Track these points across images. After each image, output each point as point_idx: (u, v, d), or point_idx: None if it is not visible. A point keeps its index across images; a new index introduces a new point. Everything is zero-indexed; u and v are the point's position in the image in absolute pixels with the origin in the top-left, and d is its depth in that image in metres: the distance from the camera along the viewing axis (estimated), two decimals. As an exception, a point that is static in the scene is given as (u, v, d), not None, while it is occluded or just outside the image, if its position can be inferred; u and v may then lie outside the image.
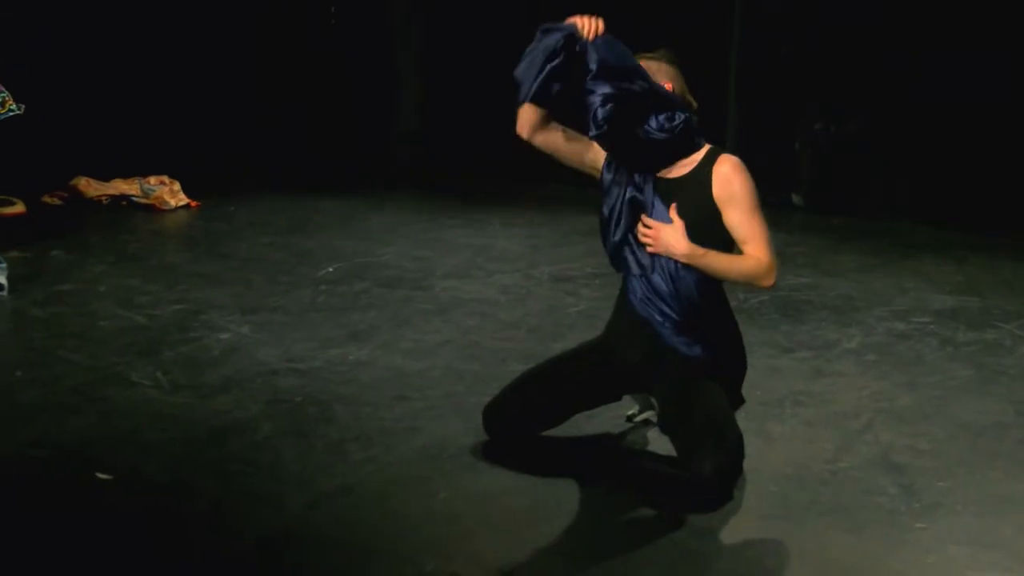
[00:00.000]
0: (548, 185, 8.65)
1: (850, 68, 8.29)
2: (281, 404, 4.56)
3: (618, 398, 4.12)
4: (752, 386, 4.76)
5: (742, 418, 3.87)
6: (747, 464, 3.71)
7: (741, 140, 8.55)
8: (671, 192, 3.71)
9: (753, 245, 3.64)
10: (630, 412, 4.32)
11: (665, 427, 3.78)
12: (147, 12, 9.31)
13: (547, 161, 4.07)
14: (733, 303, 3.96)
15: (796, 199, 8.65)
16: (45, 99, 7.15)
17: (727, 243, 3.71)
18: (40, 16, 8.66)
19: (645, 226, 3.68)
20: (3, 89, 5.87)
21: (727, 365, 3.83)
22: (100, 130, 8.85)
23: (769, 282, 3.64)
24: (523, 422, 4.00)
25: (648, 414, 4.30)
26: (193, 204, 8.32)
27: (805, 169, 8.61)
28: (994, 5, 7.76)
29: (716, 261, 3.64)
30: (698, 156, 3.72)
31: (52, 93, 8.14)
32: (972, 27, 7.79)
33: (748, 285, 3.72)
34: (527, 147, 4.00)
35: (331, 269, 6.66)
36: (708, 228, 3.67)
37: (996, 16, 7.74)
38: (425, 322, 5.69)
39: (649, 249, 3.68)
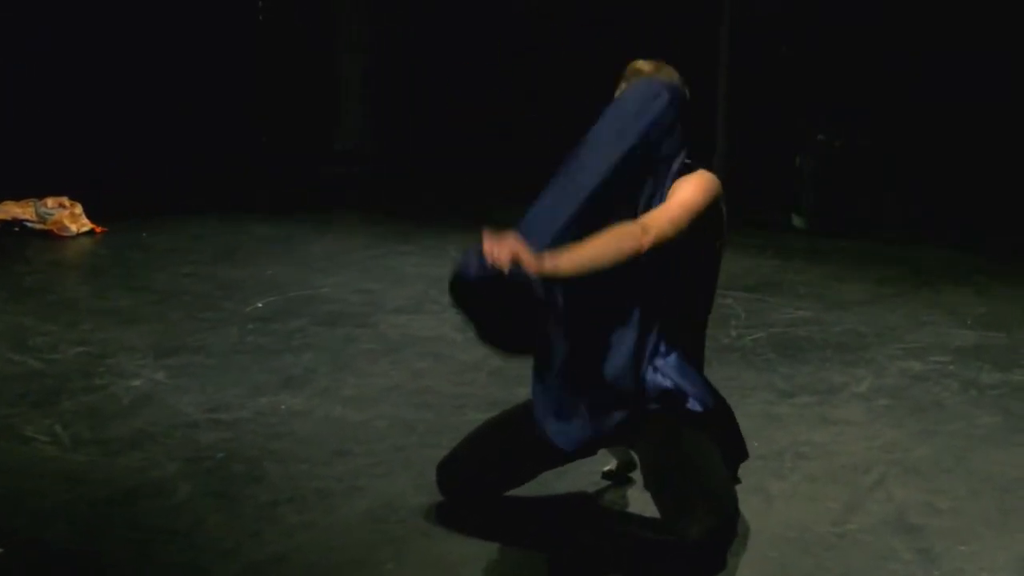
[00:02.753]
0: (512, 207, 8.66)
1: (857, 72, 8.39)
2: (202, 461, 4.53)
3: (593, 452, 4.11)
4: (747, 437, 4.76)
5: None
6: (742, 526, 3.70)
7: (733, 153, 8.62)
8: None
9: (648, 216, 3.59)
10: (606, 468, 4.31)
11: (648, 483, 3.78)
12: (51, 11, 9.30)
13: (512, 179, 4.08)
14: (724, 340, 3.98)
15: (797, 221, 8.71)
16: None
17: (697, 261, 3.71)
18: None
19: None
20: None
21: (716, 412, 3.84)
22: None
23: (637, 244, 3.49)
24: (482, 480, 3.99)
25: (627, 470, 4.29)
26: (98, 230, 8.28)
27: (807, 187, 8.68)
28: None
29: (572, 258, 3.45)
30: None
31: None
32: (999, 23, 7.89)
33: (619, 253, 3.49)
34: (488, 162, 4.02)
35: (262, 304, 6.65)
36: (677, 250, 3.64)
37: None
38: (370, 365, 5.68)
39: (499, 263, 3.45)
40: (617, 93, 3.85)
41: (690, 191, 3.63)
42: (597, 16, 9.46)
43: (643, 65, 3.85)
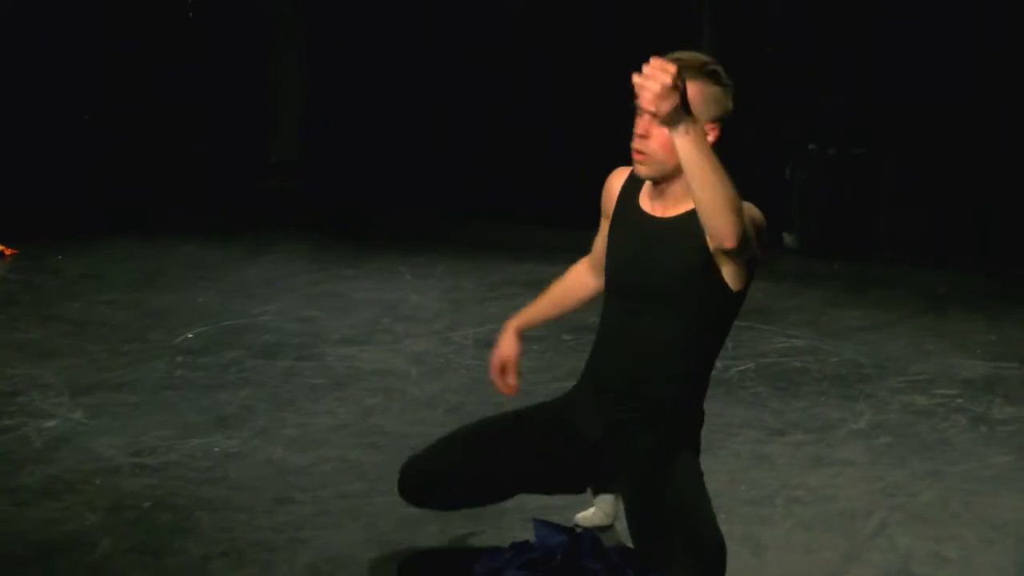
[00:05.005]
0: (470, 224, 8.69)
1: (854, 72, 8.42)
2: (126, 511, 4.51)
3: (579, 489, 4.14)
4: (735, 480, 4.78)
5: (723, 521, 3.88)
6: (729, 580, 3.71)
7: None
8: (663, 234, 3.78)
9: None
10: (580, 514, 4.32)
11: (629, 526, 3.81)
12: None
13: (470, 194, 4.11)
14: (712, 372, 4.00)
15: (788, 239, 8.74)
16: None
17: (712, 299, 3.75)
18: None
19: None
20: None
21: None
22: None
23: (735, 229, 3.48)
24: (449, 491, 3.99)
25: (603, 520, 4.30)
26: (7, 252, 8.23)
27: (798, 201, 8.71)
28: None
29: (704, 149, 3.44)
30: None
31: None
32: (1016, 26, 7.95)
33: (712, 216, 3.47)
34: (442, 174, 4.05)
35: (191, 335, 6.62)
36: (699, 276, 3.71)
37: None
38: (314, 401, 5.67)
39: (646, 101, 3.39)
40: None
41: (749, 215, 3.63)
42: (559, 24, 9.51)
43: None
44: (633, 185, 3.90)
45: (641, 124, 3.70)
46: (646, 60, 3.29)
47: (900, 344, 6.69)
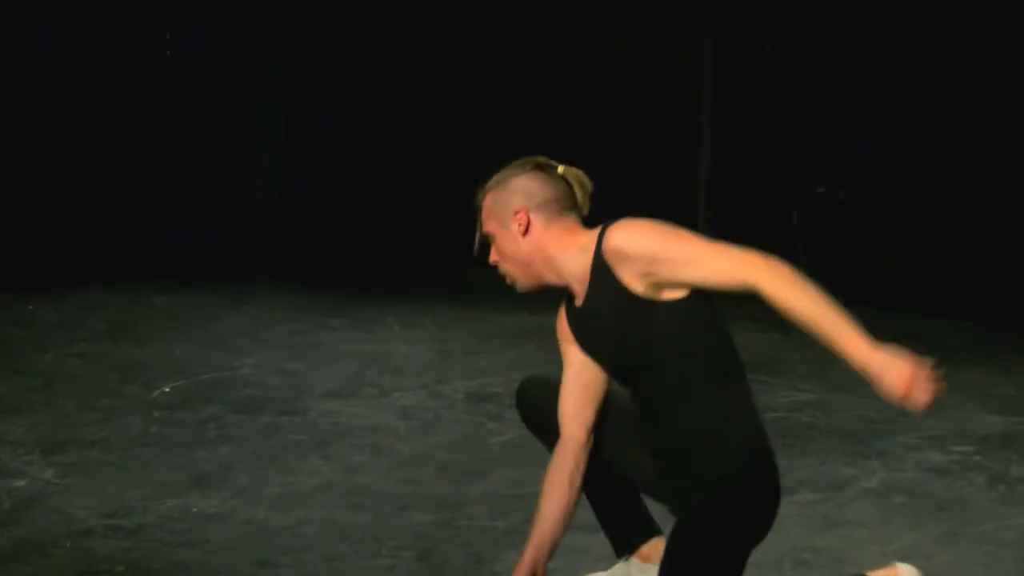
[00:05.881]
0: (461, 272, 8.66)
1: (865, 106, 8.43)
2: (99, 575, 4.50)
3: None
4: (740, 541, 4.78)
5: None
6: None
7: (715, 208, 8.67)
8: (585, 319, 3.82)
9: (725, 263, 3.62)
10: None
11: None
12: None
13: (459, 242, 4.12)
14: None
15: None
16: None
17: (680, 328, 3.72)
18: None
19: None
20: None
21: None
22: None
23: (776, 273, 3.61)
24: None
25: None
26: (-23, 301, 8.24)
27: (804, 248, 8.73)
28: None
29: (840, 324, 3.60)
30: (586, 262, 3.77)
31: None
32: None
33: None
34: (431, 220, 4.08)
35: (168, 389, 6.62)
36: (645, 328, 3.70)
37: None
38: (297, 459, 5.67)
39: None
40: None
41: (652, 235, 3.70)
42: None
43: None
44: (568, 304, 3.92)
45: (491, 253, 3.87)
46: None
47: (913, 398, 6.68)
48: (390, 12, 10.19)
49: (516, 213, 3.79)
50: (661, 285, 3.63)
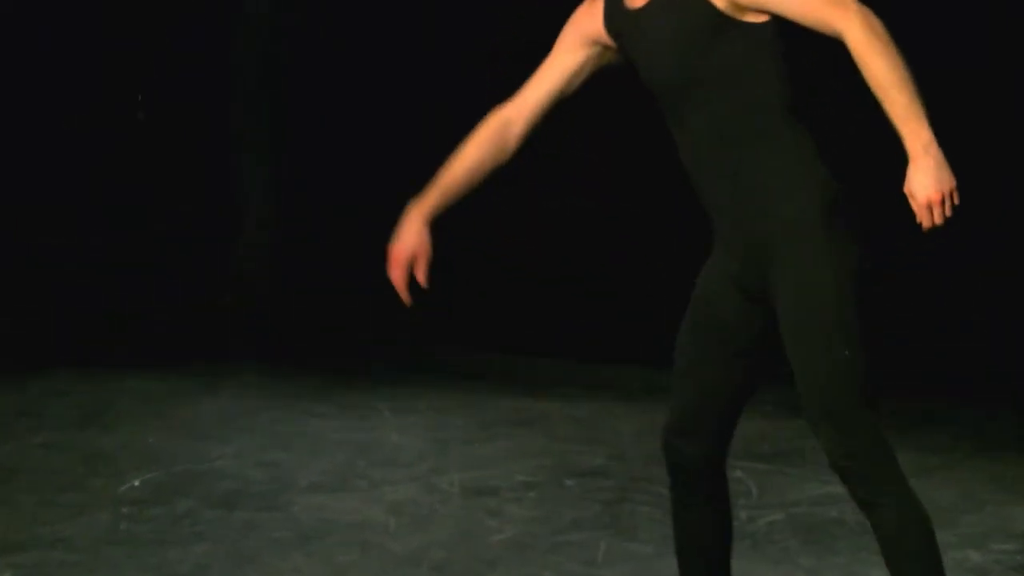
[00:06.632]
0: (459, 354, 8.67)
1: (885, 168, 8.42)
2: None
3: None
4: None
5: None
6: None
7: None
8: (643, 22, 3.85)
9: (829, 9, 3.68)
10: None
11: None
12: None
13: (459, 321, 4.03)
14: (734, 523, 4.01)
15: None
16: None
17: (746, 51, 3.78)
18: None
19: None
20: None
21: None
22: None
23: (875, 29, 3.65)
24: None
25: None
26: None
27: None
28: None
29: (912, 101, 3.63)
30: None
31: None
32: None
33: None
34: (425, 297, 4.02)
35: (138, 483, 6.56)
36: (713, 45, 3.77)
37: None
38: (280, 558, 5.61)
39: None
40: None
41: None
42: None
43: None
44: (612, 2, 3.96)
45: None
46: None
47: (949, 492, 6.59)
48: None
49: None
50: (744, 7, 3.71)
